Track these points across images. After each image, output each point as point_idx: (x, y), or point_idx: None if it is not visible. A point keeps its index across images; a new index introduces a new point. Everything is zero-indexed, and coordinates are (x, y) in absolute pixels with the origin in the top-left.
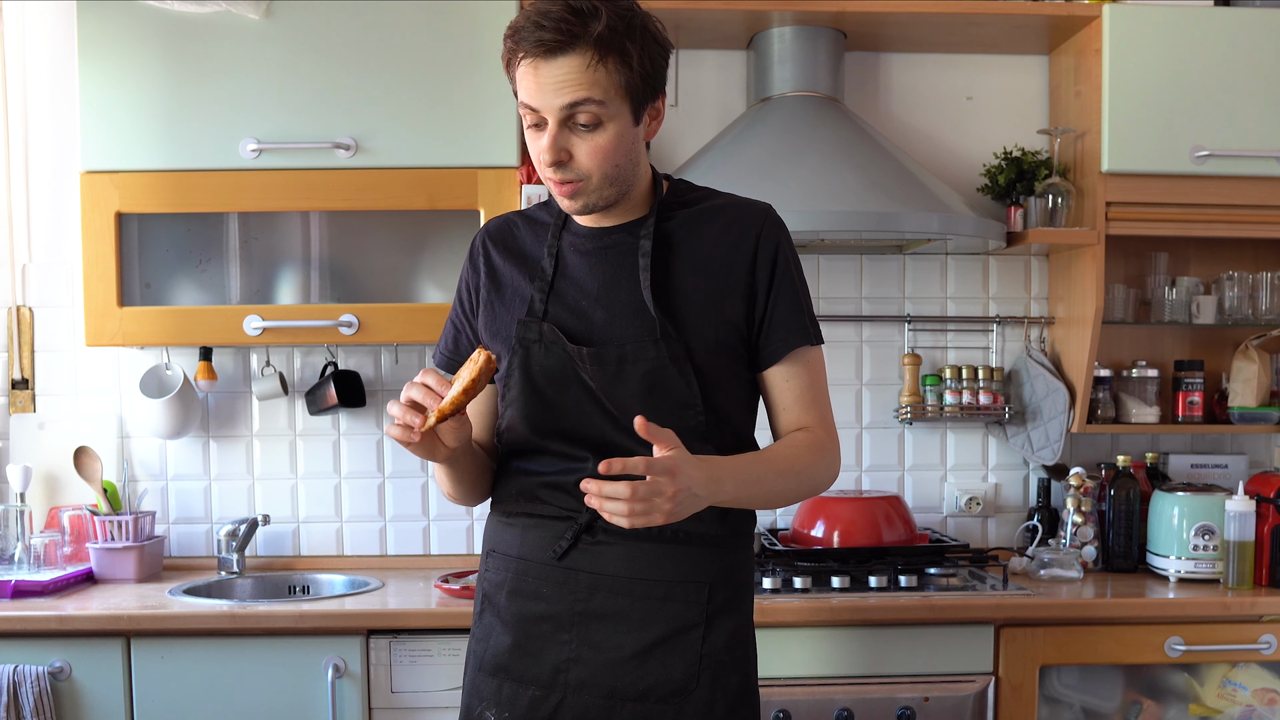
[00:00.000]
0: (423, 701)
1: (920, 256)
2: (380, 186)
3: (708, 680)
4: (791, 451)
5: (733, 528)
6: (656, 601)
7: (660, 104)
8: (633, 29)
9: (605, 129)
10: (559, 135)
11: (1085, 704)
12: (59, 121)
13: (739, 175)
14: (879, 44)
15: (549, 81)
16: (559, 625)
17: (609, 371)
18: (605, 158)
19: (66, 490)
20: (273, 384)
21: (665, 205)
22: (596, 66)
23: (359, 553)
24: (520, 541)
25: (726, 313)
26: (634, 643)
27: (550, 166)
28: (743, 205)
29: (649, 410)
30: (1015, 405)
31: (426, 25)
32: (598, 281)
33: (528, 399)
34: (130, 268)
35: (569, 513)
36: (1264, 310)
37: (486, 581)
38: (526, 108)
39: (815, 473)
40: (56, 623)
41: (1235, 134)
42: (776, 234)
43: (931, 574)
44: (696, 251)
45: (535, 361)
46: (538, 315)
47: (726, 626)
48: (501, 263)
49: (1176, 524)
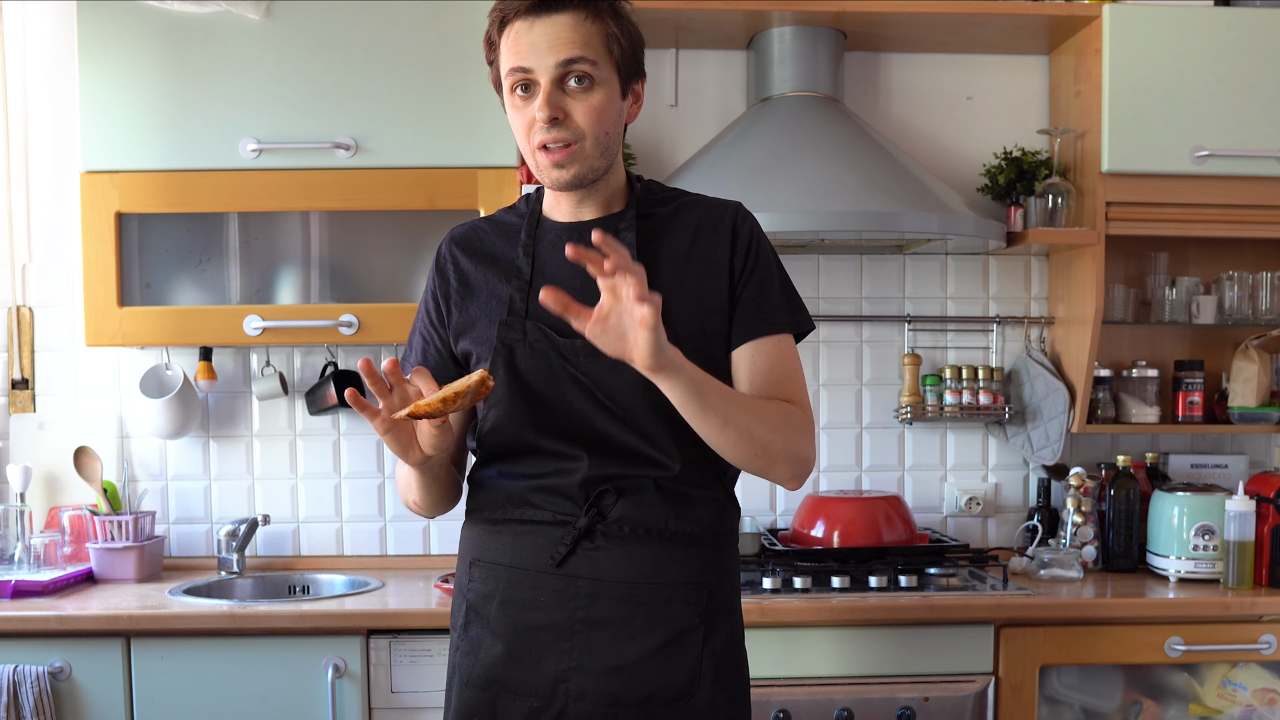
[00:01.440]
0: (423, 701)
1: (920, 256)
2: (380, 186)
3: (709, 682)
4: (763, 400)
5: (724, 526)
6: (659, 606)
7: (640, 88)
8: (616, 5)
9: (597, 90)
10: (553, 93)
11: (1085, 704)
12: (59, 121)
13: (739, 175)
14: (879, 44)
15: (542, 38)
16: (559, 634)
17: (602, 364)
18: (599, 118)
19: (66, 490)
20: (273, 384)
21: (641, 201)
22: (588, 24)
23: (359, 553)
24: (511, 549)
25: (708, 303)
26: (637, 648)
27: (545, 126)
28: (714, 203)
29: (644, 399)
30: (1015, 405)
31: (427, 25)
32: (579, 277)
33: (515, 398)
34: (130, 268)
35: (564, 517)
36: (1264, 310)
37: (471, 592)
38: (517, 70)
39: (779, 429)
40: (56, 623)
41: (1235, 134)
42: (749, 226)
43: (931, 574)
44: (676, 245)
45: (521, 361)
46: (519, 314)
47: (724, 627)
48: (471, 267)
49: (1176, 524)
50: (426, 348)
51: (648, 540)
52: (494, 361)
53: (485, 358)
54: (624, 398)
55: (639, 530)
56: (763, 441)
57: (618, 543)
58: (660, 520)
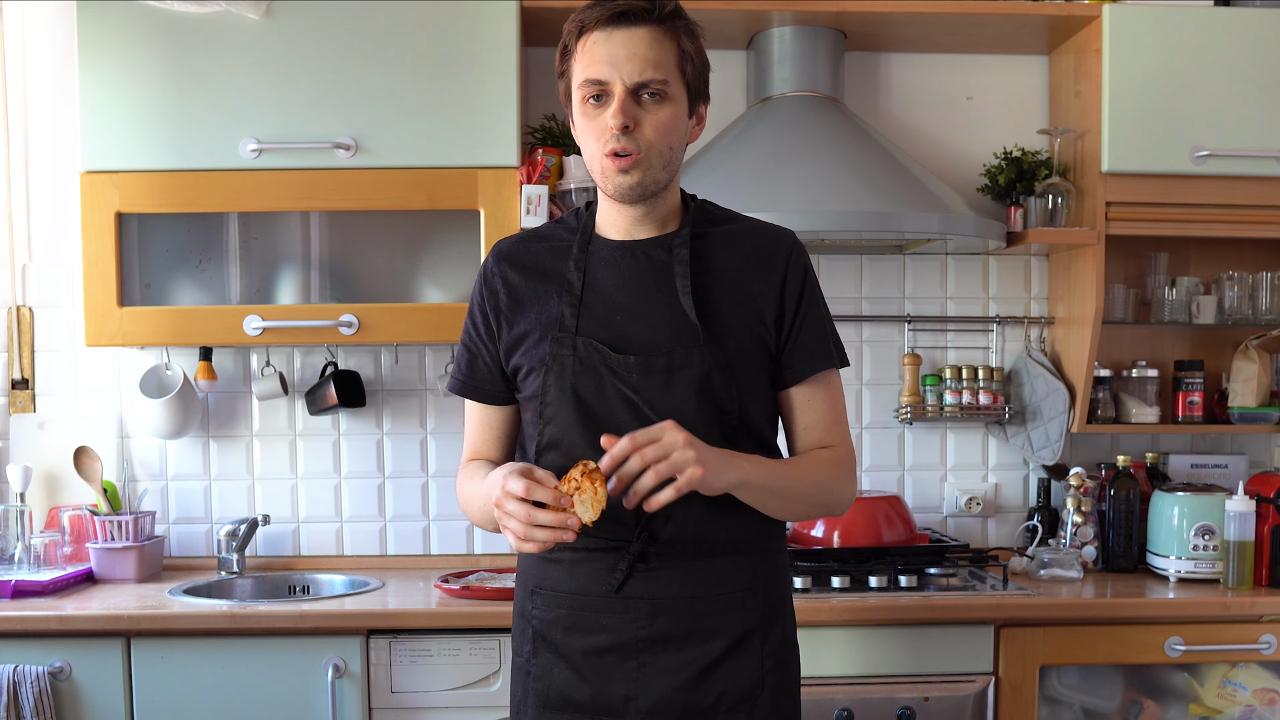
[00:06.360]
0: (423, 701)
1: (920, 256)
2: (380, 186)
3: (772, 684)
4: (813, 461)
5: (771, 531)
6: (717, 615)
7: (704, 110)
8: (691, 27)
9: (668, 105)
10: (626, 103)
11: (1085, 704)
12: (59, 121)
13: (739, 175)
14: (879, 44)
15: (621, 50)
16: (624, 654)
17: (656, 380)
18: (667, 132)
19: (66, 490)
20: (273, 384)
21: (696, 220)
22: (665, 42)
23: (359, 553)
24: (570, 577)
25: (755, 329)
26: (700, 659)
27: (616, 135)
28: (770, 230)
29: (697, 415)
30: (1015, 405)
31: (426, 25)
32: (631, 294)
33: (569, 416)
34: (130, 268)
35: (618, 543)
36: (1264, 310)
37: (536, 619)
38: (591, 82)
39: (834, 485)
40: (56, 623)
41: (1235, 134)
42: (804, 260)
43: (931, 574)
44: (728, 269)
45: (573, 377)
46: (570, 330)
47: (779, 628)
48: (520, 280)
49: (1176, 524)
50: (475, 360)
51: (700, 554)
52: (546, 378)
53: (537, 372)
54: (677, 414)
55: (690, 547)
56: (820, 503)
57: (671, 561)
58: (710, 533)
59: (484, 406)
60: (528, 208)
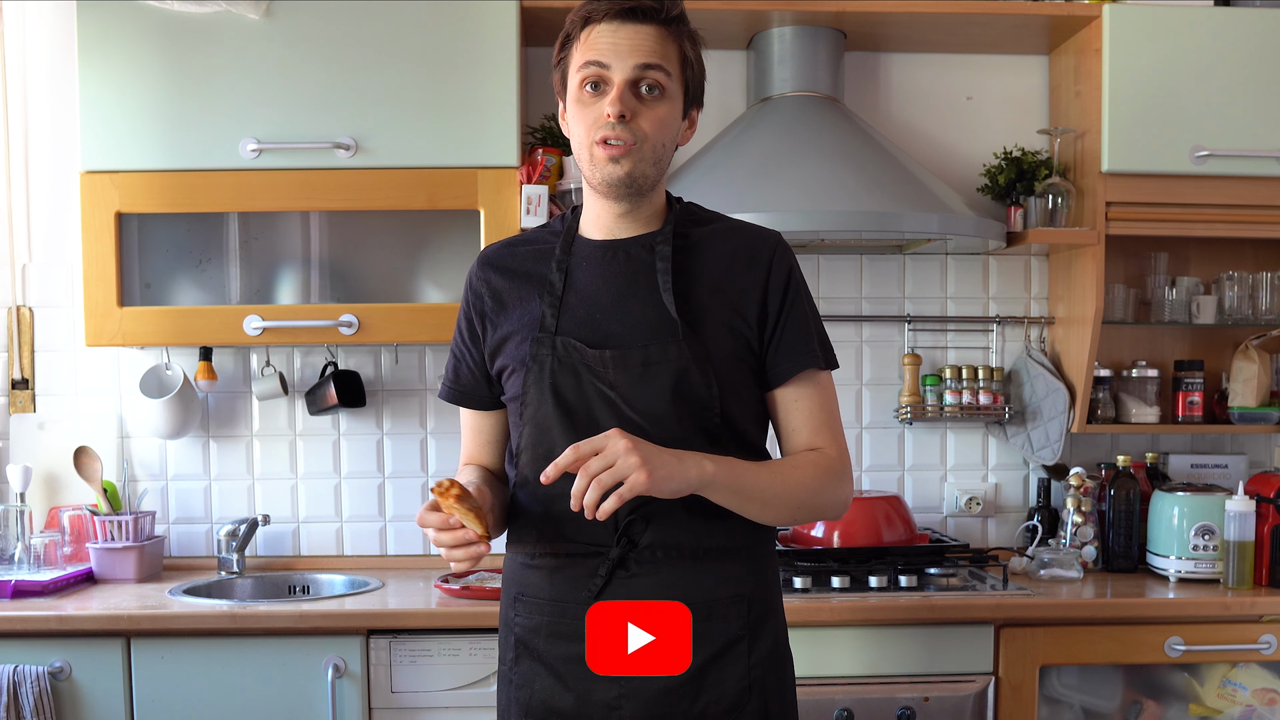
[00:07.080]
0: (423, 701)
1: (920, 256)
2: (380, 186)
3: (759, 692)
4: (794, 463)
5: (758, 537)
6: (700, 623)
7: (696, 115)
8: (694, 34)
9: (665, 101)
10: (625, 93)
11: (1085, 704)
12: (59, 121)
13: (739, 175)
14: (879, 44)
15: (626, 41)
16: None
17: (632, 375)
18: (662, 127)
19: (66, 490)
20: (273, 384)
21: (679, 221)
22: (670, 41)
23: (359, 553)
24: (550, 584)
25: (739, 328)
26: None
27: (611, 122)
28: (755, 230)
29: (675, 411)
30: (1015, 405)
31: (426, 26)
32: (612, 293)
33: (548, 417)
34: (130, 268)
35: (597, 548)
36: (1264, 310)
37: (518, 626)
38: (593, 64)
39: (819, 488)
40: (56, 623)
41: (1235, 134)
42: (789, 259)
43: (931, 574)
44: (711, 269)
45: (552, 376)
46: (550, 330)
47: (768, 635)
48: (504, 284)
49: (1176, 524)
50: (459, 367)
51: (681, 561)
52: (525, 378)
53: (518, 372)
54: (653, 410)
55: (671, 552)
56: (804, 506)
57: (651, 568)
58: (692, 539)
59: (472, 412)
60: (528, 208)
